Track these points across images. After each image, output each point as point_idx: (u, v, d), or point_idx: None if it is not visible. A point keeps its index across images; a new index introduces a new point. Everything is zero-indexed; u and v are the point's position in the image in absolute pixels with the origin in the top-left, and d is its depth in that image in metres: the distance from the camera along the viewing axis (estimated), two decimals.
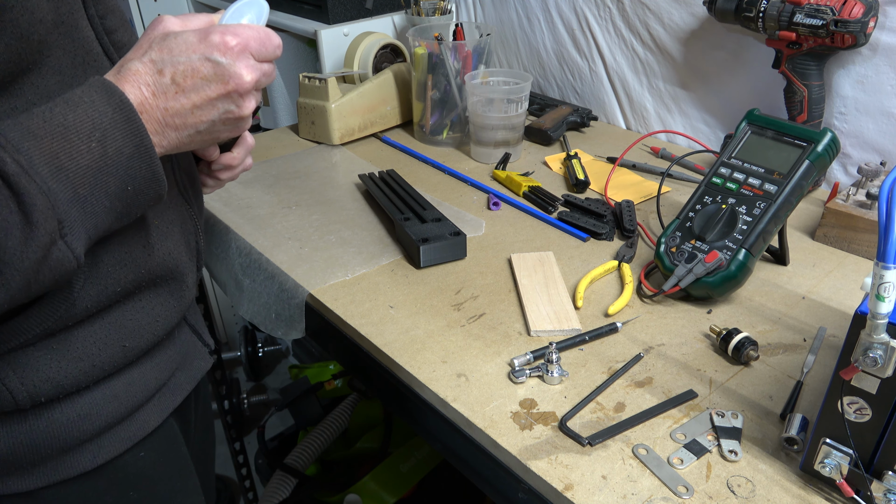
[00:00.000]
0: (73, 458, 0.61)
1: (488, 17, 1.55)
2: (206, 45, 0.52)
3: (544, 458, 0.61)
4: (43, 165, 0.45)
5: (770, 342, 0.75)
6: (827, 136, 0.78)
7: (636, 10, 1.25)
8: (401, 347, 0.76)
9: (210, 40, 0.52)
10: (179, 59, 0.51)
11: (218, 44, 0.52)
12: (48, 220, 0.45)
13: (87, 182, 0.47)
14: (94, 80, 0.50)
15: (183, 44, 0.51)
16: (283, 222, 1.03)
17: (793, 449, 0.61)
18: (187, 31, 0.52)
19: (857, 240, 0.90)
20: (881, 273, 0.44)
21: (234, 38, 0.52)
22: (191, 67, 0.51)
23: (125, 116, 0.49)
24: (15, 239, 0.44)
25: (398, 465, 1.36)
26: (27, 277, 0.45)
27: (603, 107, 1.39)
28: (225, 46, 0.52)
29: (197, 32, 0.52)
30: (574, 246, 0.95)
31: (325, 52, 1.46)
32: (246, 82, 0.53)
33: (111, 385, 0.61)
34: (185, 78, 0.51)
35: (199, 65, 0.51)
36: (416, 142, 1.32)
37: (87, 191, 0.47)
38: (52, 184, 0.45)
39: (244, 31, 0.53)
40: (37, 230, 0.45)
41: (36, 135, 0.46)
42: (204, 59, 0.51)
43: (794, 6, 0.94)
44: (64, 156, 0.46)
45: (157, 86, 0.51)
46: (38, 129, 0.46)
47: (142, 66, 0.51)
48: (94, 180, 0.48)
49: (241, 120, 0.55)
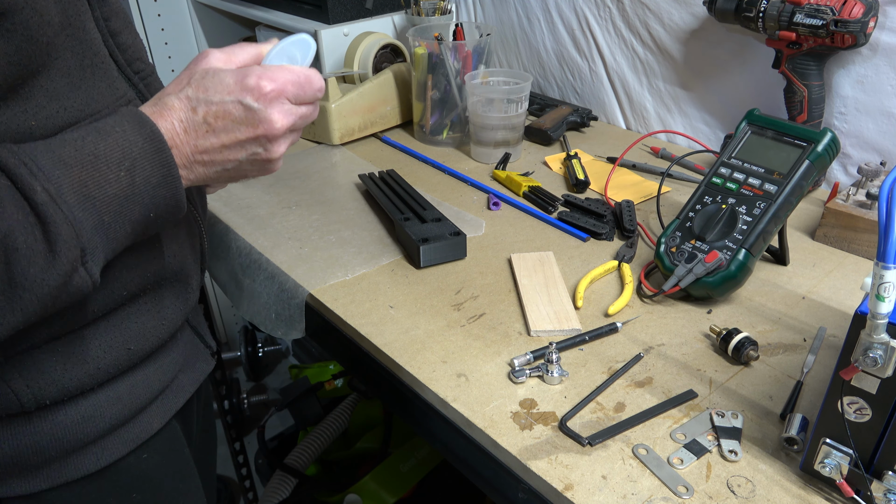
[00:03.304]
0: (77, 461, 0.61)
1: (488, 17, 1.55)
2: (241, 88, 0.53)
3: (544, 458, 0.61)
4: (71, 194, 0.46)
5: (770, 342, 0.75)
6: (827, 136, 0.78)
7: (636, 10, 1.25)
8: (401, 347, 0.76)
9: (246, 83, 0.53)
10: (213, 100, 0.52)
11: (253, 88, 0.52)
12: (71, 249, 0.46)
13: (113, 210, 0.48)
14: (127, 110, 0.51)
15: (219, 84, 0.52)
16: (283, 222, 1.03)
17: (793, 449, 0.61)
18: (226, 71, 0.53)
19: (857, 240, 0.90)
20: (881, 273, 0.44)
21: (271, 83, 0.53)
22: (223, 109, 0.52)
23: (155, 147, 0.50)
24: (37, 266, 0.45)
25: (398, 465, 1.36)
26: (45, 302, 0.46)
27: (603, 107, 1.39)
28: (259, 91, 0.53)
29: (236, 73, 0.53)
30: (574, 246, 0.95)
31: (325, 52, 1.46)
32: (276, 128, 0.54)
33: (115, 387, 0.61)
34: (216, 118, 0.52)
35: (231, 107, 0.52)
36: (416, 142, 1.32)
37: (111, 218, 0.48)
38: (78, 213, 0.46)
39: (282, 76, 0.54)
40: (59, 259, 0.45)
41: (67, 163, 0.47)
42: (237, 102, 0.52)
43: (794, 6, 0.94)
44: (92, 184, 0.47)
45: (190, 122, 0.52)
46: (70, 158, 0.47)
47: (178, 101, 0.52)
48: (120, 208, 0.49)
49: (269, 162, 0.56)
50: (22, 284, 0.44)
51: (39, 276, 0.45)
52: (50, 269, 0.45)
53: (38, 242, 0.45)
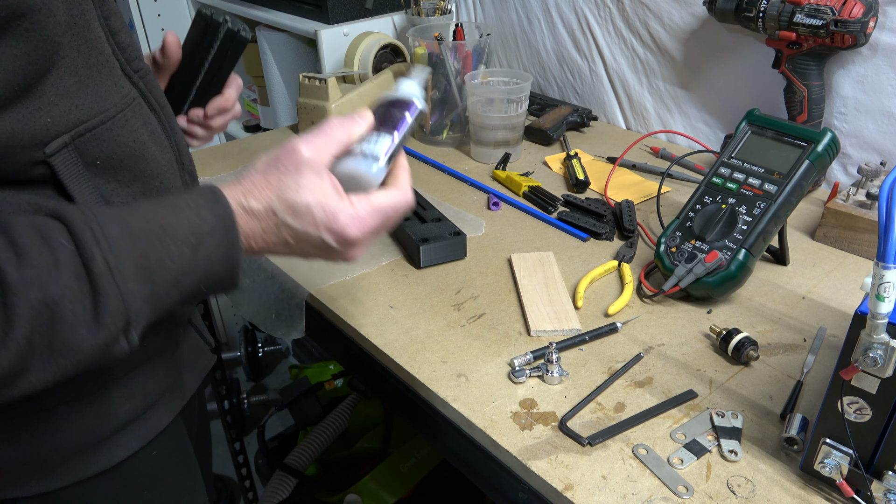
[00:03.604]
0: (93, 458, 0.62)
1: (488, 17, 1.55)
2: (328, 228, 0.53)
3: (544, 458, 0.61)
4: (130, 266, 0.46)
5: (770, 342, 0.75)
6: (827, 136, 0.78)
7: (636, 10, 1.25)
8: (401, 347, 0.75)
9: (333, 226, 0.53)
10: (298, 227, 0.53)
11: (338, 231, 0.54)
12: (117, 321, 0.46)
13: (168, 282, 0.48)
14: (207, 186, 0.52)
15: (308, 215, 0.53)
16: None
17: (793, 449, 0.61)
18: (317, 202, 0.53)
19: (857, 240, 0.90)
20: (881, 273, 0.44)
21: (358, 230, 0.54)
22: (306, 235, 0.54)
23: (225, 229, 0.50)
24: (79, 335, 0.45)
25: (398, 465, 1.36)
26: (79, 367, 0.46)
27: (603, 107, 1.39)
28: (343, 236, 0.54)
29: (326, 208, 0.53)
30: (574, 246, 0.95)
31: (325, 52, 1.46)
32: (350, 258, 0.56)
33: (127, 384, 0.62)
34: (296, 240, 0.54)
35: (313, 238, 0.54)
36: (416, 142, 1.32)
37: (163, 290, 0.48)
38: (132, 285, 0.46)
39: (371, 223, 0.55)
40: (103, 329, 0.45)
41: (133, 234, 0.47)
42: (320, 237, 0.54)
43: (794, 6, 0.94)
44: (154, 258, 0.47)
45: (269, 233, 0.53)
46: (138, 229, 0.47)
47: (263, 210, 0.53)
48: (175, 281, 0.49)
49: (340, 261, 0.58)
50: (60, 350, 0.44)
51: (79, 344, 0.45)
52: (91, 339, 0.45)
53: (86, 311, 0.45)
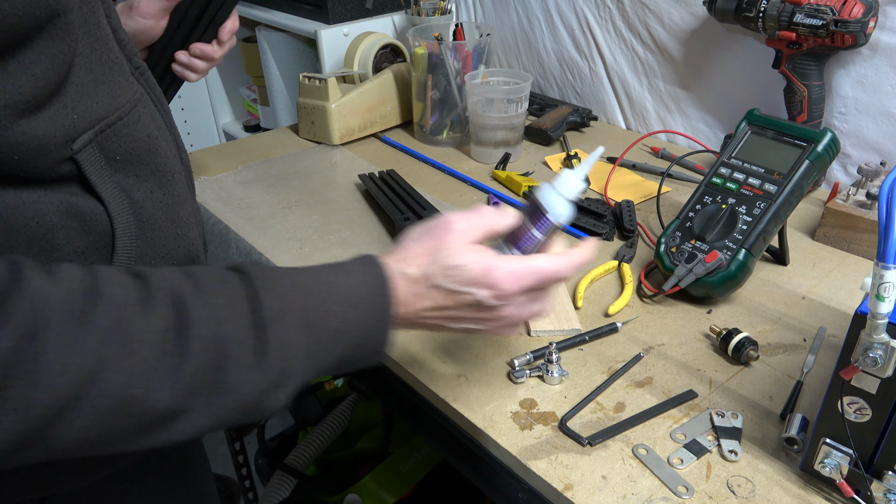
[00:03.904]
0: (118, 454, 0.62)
1: (488, 17, 1.55)
2: (483, 283, 0.53)
3: (544, 458, 0.61)
4: (294, 316, 0.48)
5: (770, 342, 0.75)
6: (827, 136, 0.78)
7: (636, 10, 1.25)
8: (400, 347, 0.75)
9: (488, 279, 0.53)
10: (451, 287, 0.53)
11: (493, 284, 0.53)
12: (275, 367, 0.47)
13: (324, 341, 0.50)
14: (369, 256, 0.54)
15: (461, 273, 0.53)
16: (283, 222, 1.03)
17: (793, 449, 0.61)
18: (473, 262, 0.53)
19: (857, 240, 0.90)
20: (881, 273, 0.44)
21: (513, 284, 0.53)
22: (458, 294, 0.54)
23: (381, 293, 0.51)
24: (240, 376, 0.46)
25: (398, 465, 1.36)
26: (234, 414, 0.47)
27: (603, 107, 1.39)
28: (498, 289, 0.53)
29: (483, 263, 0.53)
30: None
31: (325, 52, 1.46)
32: (504, 321, 0.55)
33: None
34: (448, 300, 0.54)
35: (466, 295, 0.53)
36: (416, 142, 1.32)
37: (320, 348, 0.50)
38: (293, 335, 0.48)
39: (526, 281, 0.54)
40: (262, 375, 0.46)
41: (299, 287, 0.49)
42: (472, 295, 0.54)
43: (794, 6, 0.94)
44: (315, 313, 0.49)
45: (421, 297, 0.53)
46: (303, 283, 0.50)
47: (420, 275, 0.54)
48: (331, 340, 0.50)
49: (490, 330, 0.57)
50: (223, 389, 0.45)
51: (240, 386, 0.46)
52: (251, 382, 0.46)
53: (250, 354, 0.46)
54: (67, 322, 0.40)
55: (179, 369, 0.43)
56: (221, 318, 0.45)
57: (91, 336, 0.41)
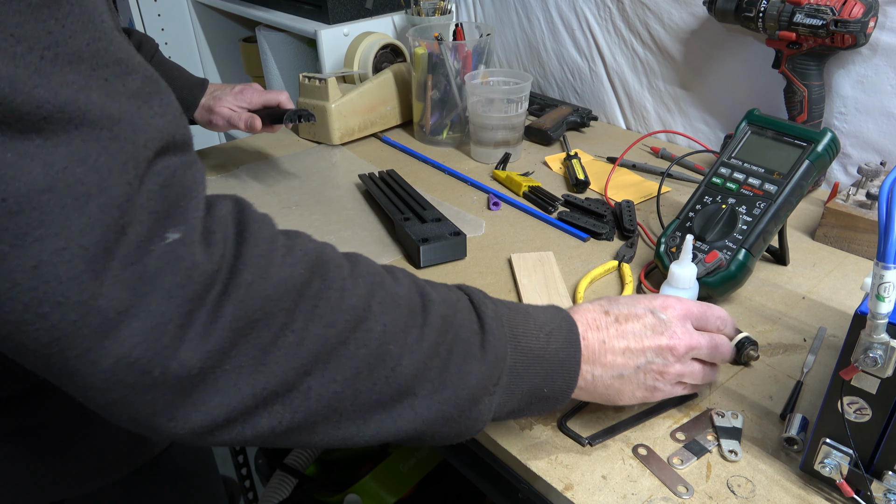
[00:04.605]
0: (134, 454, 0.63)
1: (488, 17, 1.55)
2: (650, 300, 0.59)
3: (544, 458, 0.61)
4: (504, 325, 0.51)
5: (770, 342, 0.75)
6: (827, 136, 0.78)
7: (636, 10, 1.25)
8: None
9: (654, 302, 0.59)
10: (623, 306, 0.58)
11: (661, 304, 0.59)
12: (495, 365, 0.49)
13: (525, 362, 0.52)
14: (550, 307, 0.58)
15: (629, 300, 0.60)
16: (283, 222, 1.02)
17: (793, 449, 0.61)
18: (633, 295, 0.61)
19: (857, 240, 0.90)
20: (881, 273, 0.44)
21: (678, 302, 0.59)
22: (634, 313, 0.58)
23: (570, 327, 0.55)
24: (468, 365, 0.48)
25: (398, 465, 1.36)
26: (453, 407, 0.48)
27: (603, 107, 1.39)
28: (667, 305, 0.59)
29: (643, 296, 0.60)
30: (574, 246, 0.95)
31: (325, 52, 1.46)
32: (681, 343, 0.57)
33: None
34: (626, 319, 0.57)
35: (641, 312, 0.58)
36: (416, 142, 1.32)
37: (521, 369, 0.51)
38: (503, 344, 0.50)
39: (693, 307, 0.60)
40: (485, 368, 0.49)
41: (505, 304, 0.54)
42: (647, 310, 0.58)
43: (794, 6, 0.94)
44: (520, 330, 0.52)
45: (601, 322, 0.57)
46: (506, 305, 0.54)
47: (591, 306, 0.59)
48: (530, 363, 0.52)
49: (664, 376, 0.58)
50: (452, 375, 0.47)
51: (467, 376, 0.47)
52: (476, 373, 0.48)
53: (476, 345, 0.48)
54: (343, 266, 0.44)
55: (421, 339, 0.45)
56: (454, 305, 0.49)
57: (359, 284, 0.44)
